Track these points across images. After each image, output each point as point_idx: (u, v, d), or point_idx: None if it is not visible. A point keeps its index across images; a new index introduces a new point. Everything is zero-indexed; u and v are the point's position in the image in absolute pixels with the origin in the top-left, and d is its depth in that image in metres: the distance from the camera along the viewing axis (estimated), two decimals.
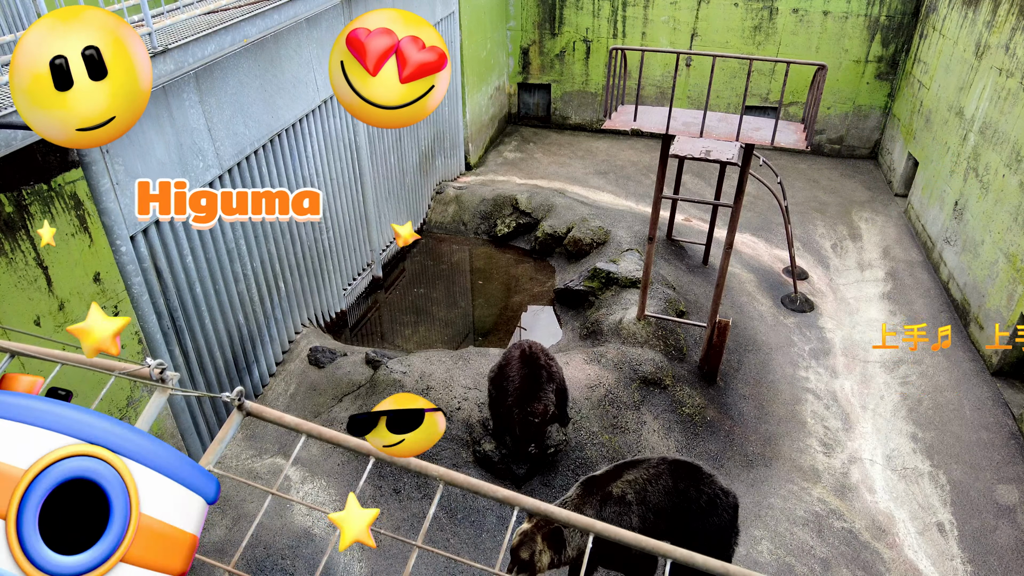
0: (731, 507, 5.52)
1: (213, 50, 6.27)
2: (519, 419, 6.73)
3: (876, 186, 14.24)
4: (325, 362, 8.34)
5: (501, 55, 15.65)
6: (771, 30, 14.57)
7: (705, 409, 8.20)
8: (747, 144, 7.17)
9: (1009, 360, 8.84)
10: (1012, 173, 9.15)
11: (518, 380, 6.82)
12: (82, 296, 5.44)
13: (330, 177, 9.26)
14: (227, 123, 7.11)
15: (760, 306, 10.30)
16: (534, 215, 12.23)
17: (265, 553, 6.38)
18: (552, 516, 1.70)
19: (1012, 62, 9.56)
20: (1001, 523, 7.16)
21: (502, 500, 1.74)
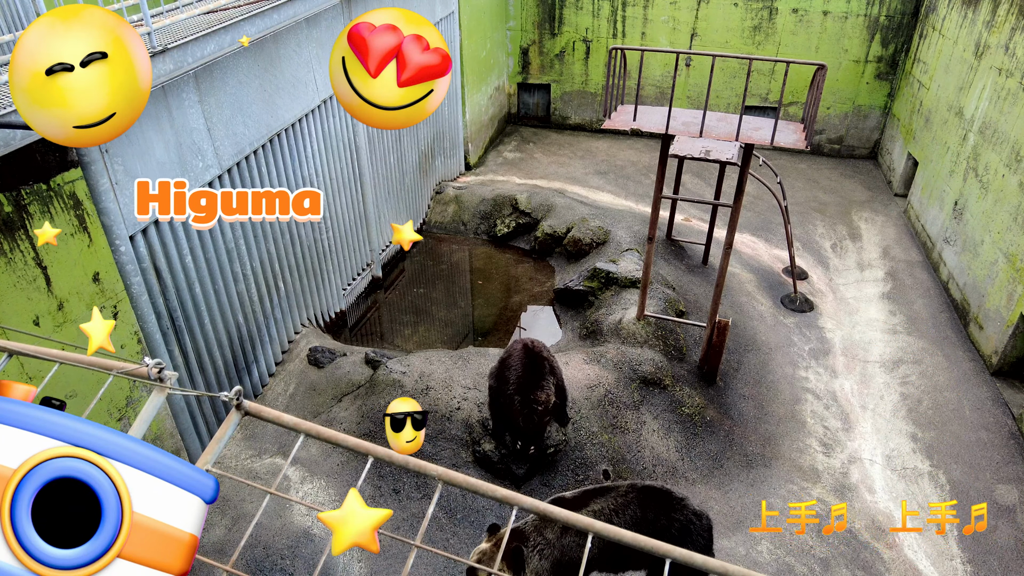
0: (706, 530, 5.46)
1: (212, 50, 6.26)
2: (520, 409, 6.67)
3: (876, 186, 14.24)
4: (324, 362, 8.34)
5: (501, 55, 15.65)
6: (771, 30, 14.57)
7: (705, 409, 8.19)
8: (747, 144, 7.16)
9: (1009, 360, 8.84)
10: (1012, 173, 9.15)
11: (520, 370, 6.79)
12: (81, 296, 5.43)
13: (330, 177, 9.25)
14: (226, 123, 7.11)
15: (760, 306, 10.29)
16: (534, 215, 12.23)
17: (264, 553, 6.38)
18: (550, 516, 1.70)
19: (1012, 62, 9.56)
20: (1000, 523, 7.15)
21: (501, 499, 1.74)
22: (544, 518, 5.05)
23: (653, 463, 7.51)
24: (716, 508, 7.30)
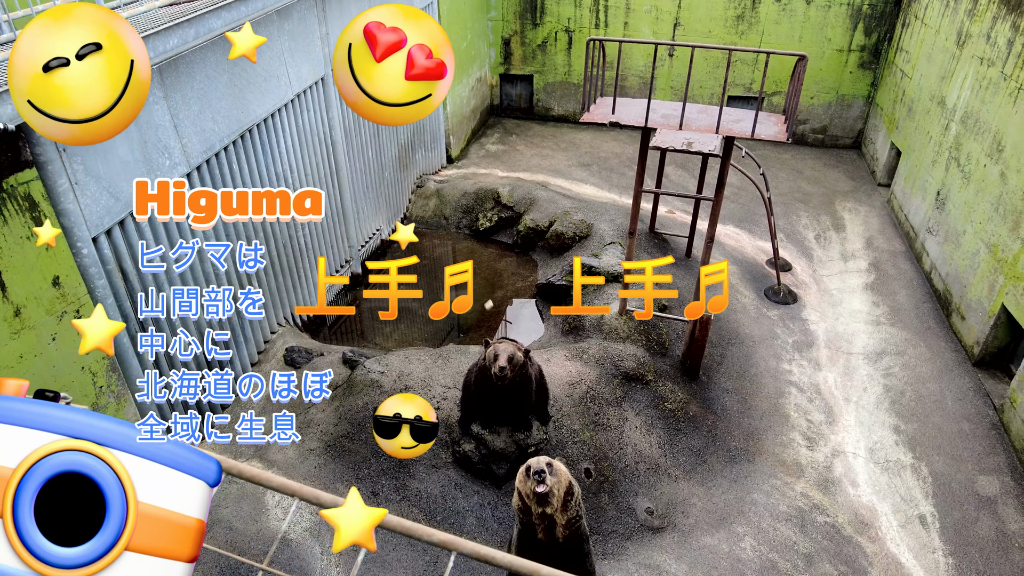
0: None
1: (176, 44, 6.05)
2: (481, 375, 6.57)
3: (859, 176, 14.21)
4: (301, 362, 8.18)
5: (482, 46, 15.43)
6: (754, 19, 14.46)
7: (688, 404, 8.13)
8: (728, 136, 7.06)
9: (990, 350, 8.84)
10: (993, 163, 9.12)
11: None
12: (40, 301, 5.24)
13: (305, 173, 9.06)
14: (194, 119, 6.90)
15: (743, 298, 10.23)
16: (516, 208, 12.08)
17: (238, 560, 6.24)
18: (493, 562, 1.58)
19: (993, 51, 9.51)
20: (982, 514, 7.15)
21: (439, 544, 1.63)
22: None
23: (635, 460, 7.44)
24: (699, 505, 7.24)
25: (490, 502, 6.92)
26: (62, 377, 5.48)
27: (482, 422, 7.03)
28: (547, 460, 5.05)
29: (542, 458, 5.10)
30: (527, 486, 4.96)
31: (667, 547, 6.77)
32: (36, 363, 5.25)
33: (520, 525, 5.27)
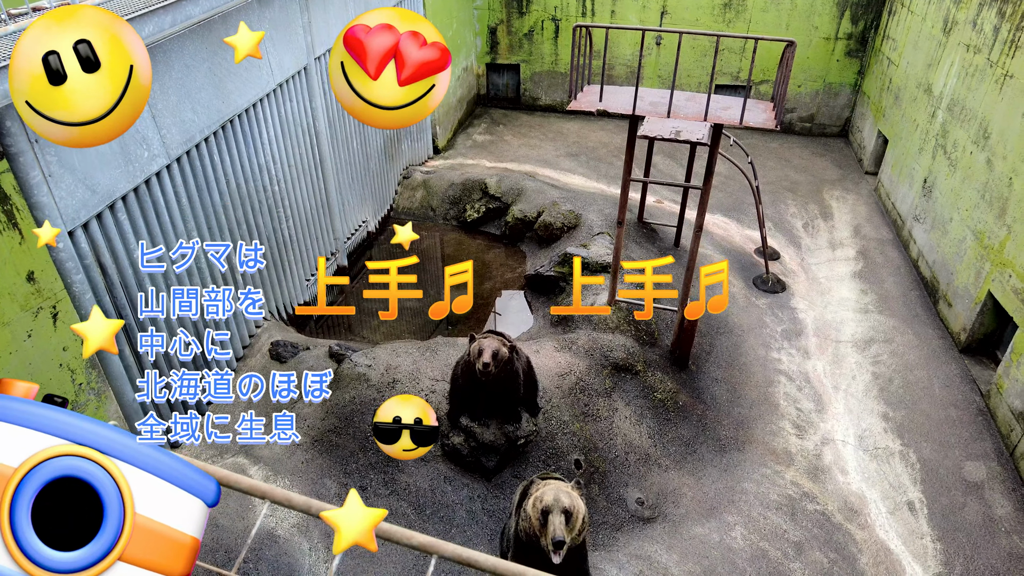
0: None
1: (151, 31, 5.88)
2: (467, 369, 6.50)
3: (847, 164, 14.23)
4: (287, 356, 8.07)
5: (468, 35, 15.26)
6: (741, 7, 14.39)
7: (677, 394, 8.10)
8: (716, 124, 6.99)
9: (976, 337, 8.88)
10: (979, 150, 9.13)
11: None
12: (14, 297, 5.10)
13: (288, 164, 8.91)
14: (173, 109, 6.73)
15: (732, 287, 10.21)
16: (504, 199, 11.98)
17: (227, 557, 6.16)
18: (476, 565, 1.52)
19: (979, 38, 9.50)
20: (969, 500, 7.19)
21: (419, 548, 1.56)
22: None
23: (625, 450, 7.41)
24: (689, 495, 7.23)
25: (480, 495, 6.87)
26: (39, 374, 5.35)
27: (471, 415, 6.97)
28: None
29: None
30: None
31: (658, 537, 6.76)
32: (11, 360, 5.11)
33: (518, 546, 5.21)
